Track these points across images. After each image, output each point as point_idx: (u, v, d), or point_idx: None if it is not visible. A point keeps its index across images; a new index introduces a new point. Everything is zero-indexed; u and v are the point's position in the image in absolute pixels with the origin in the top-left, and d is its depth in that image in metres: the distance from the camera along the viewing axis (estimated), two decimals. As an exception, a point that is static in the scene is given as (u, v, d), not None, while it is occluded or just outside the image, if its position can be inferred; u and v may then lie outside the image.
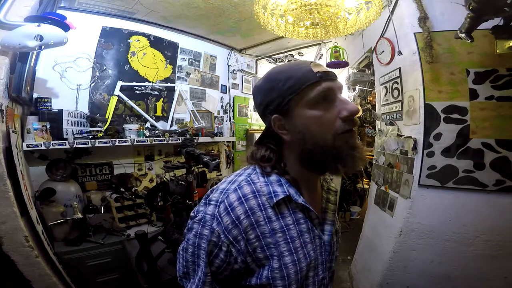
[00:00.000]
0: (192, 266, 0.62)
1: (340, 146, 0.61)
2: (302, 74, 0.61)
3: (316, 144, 0.61)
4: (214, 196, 0.63)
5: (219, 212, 0.60)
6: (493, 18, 1.35)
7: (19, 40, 1.44)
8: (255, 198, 0.62)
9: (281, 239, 0.62)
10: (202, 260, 0.60)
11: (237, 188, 0.62)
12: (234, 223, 0.59)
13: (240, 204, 0.60)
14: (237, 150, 4.19)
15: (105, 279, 2.04)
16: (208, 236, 0.59)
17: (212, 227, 0.59)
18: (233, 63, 3.97)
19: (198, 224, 0.61)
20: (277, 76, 0.64)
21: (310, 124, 0.61)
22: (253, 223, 0.60)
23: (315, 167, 0.65)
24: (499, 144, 1.61)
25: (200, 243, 0.60)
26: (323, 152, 0.61)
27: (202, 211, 0.62)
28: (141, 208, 2.57)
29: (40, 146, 1.94)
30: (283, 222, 0.63)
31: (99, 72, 2.57)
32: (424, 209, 1.78)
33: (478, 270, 1.71)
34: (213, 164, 1.81)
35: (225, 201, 0.61)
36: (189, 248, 0.62)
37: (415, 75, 1.80)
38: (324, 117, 0.61)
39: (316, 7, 1.51)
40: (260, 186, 0.63)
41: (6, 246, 1.41)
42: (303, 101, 0.61)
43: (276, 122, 0.64)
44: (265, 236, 0.61)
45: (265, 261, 0.62)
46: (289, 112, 0.63)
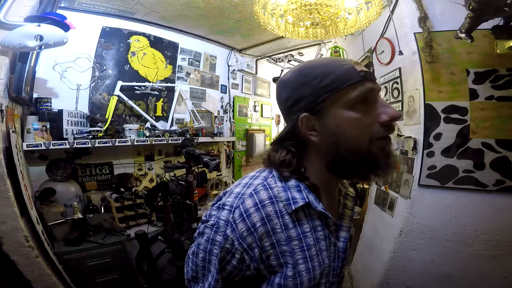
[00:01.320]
0: (202, 271, 0.60)
1: (376, 153, 0.57)
2: (344, 71, 0.56)
3: (350, 149, 0.57)
4: (228, 200, 0.59)
5: (233, 218, 0.56)
6: (493, 18, 1.35)
7: (19, 40, 1.44)
8: (272, 204, 0.58)
9: (297, 247, 0.59)
10: (213, 266, 0.58)
11: (253, 193, 0.58)
12: (249, 230, 0.56)
13: (256, 211, 0.57)
14: (237, 150, 4.19)
15: (105, 279, 2.04)
16: (221, 242, 0.56)
17: (225, 233, 0.56)
18: (233, 63, 3.97)
19: (211, 230, 0.58)
20: (312, 70, 0.58)
21: (346, 126, 0.56)
22: (269, 230, 0.57)
23: (345, 173, 0.62)
24: (499, 144, 1.61)
25: (212, 249, 0.57)
26: (357, 158, 0.57)
27: (215, 215, 0.59)
28: (141, 208, 2.57)
29: (40, 146, 1.94)
30: (300, 230, 0.60)
31: (99, 72, 2.57)
32: (424, 209, 1.78)
33: (478, 270, 1.70)
34: (213, 164, 1.81)
35: (241, 206, 0.57)
36: (199, 253, 0.59)
37: (415, 75, 1.80)
38: (363, 120, 0.56)
39: (316, 7, 1.51)
40: (277, 191, 0.59)
41: (6, 246, 1.41)
42: (342, 101, 0.56)
43: (305, 122, 0.58)
44: (281, 244, 0.58)
45: (278, 269, 0.59)
46: (322, 111, 0.57)
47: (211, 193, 3.43)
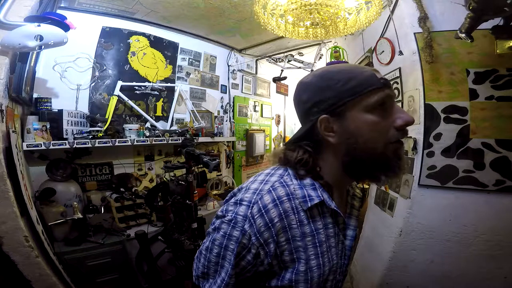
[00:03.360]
0: (214, 267, 0.61)
1: (389, 155, 0.60)
2: (366, 77, 0.60)
3: (366, 150, 0.60)
4: (246, 196, 0.61)
5: (252, 214, 0.58)
6: (493, 18, 1.35)
7: (19, 40, 1.44)
8: (289, 201, 0.60)
9: (310, 243, 0.62)
10: (227, 261, 0.59)
11: (271, 190, 0.60)
12: (267, 225, 0.57)
13: (274, 207, 0.58)
14: (237, 150, 4.19)
15: (105, 279, 2.04)
16: (239, 237, 0.58)
17: (243, 228, 0.57)
18: (233, 63, 3.97)
19: (228, 225, 0.59)
20: (335, 75, 0.61)
21: (365, 128, 0.59)
22: (285, 226, 0.59)
23: (359, 173, 0.65)
24: (499, 144, 1.61)
25: (228, 244, 0.58)
26: (372, 159, 0.60)
27: (232, 211, 0.60)
28: (141, 208, 2.57)
29: (40, 146, 1.94)
30: (314, 226, 0.62)
31: (99, 72, 2.57)
32: (424, 209, 1.78)
33: (478, 270, 1.70)
34: (213, 164, 1.81)
35: (259, 202, 0.58)
36: (214, 249, 0.60)
37: (415, 75, 1.80)
38: (381, 123, 0.59)
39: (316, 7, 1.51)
40: (293, 188, 0.62)
41: (6, 246, 1.41)
42: (361, 105, 0.59)
43: (324, 123, 0.61)
44: (295, 239, 0.60)
45: (289, 264, 0.61)
46: (342, 114, 0.60)
47: (211, 193, 3.43)
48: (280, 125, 5.40)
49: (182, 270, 1.98)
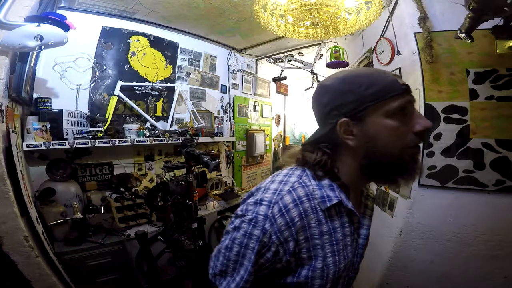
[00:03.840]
0: (233, 265, 0.62)
1: (406, 159, 0.62)
2: (388, 83, 0.61)
3: (385, 154, 0.61)
4: (266, 196, 0.62)
5: (273, 213, 0.59)
6: (493, 18, 1.35)
7: (19, 40, 1.44)
8: (309, 201, 0.62)
9: (327, 241, 0.63)
10: (247, 259, 0.60)
11: (291, 190, 0.62)
12: (288, 224, 0.59)
13: (295, 207, 0.60)
14: (237, 150, 4.19)
15: (105, 279, 2.04)
16: (259, 236, 0.59)
17: (264, 227, 0.59)
18: (233, 63, 3.97)
19: (248, 224, 0.60)
20: (357, 79, 0.62)
21: (385, 133, 0.61)
22: (305, 225, 0.61)
23: (376, 175, 0.66)
24: (499, 144, 1.61)
25: (249, 243, 0.60)
26: (390, 163, 0.62)
27: (252, 210, 0.62)
28: (141, 208, 2.57)
29: (40, 146, 1.94)
30: (331, 225, 0.64)
31: (99, 72, 2.57)
32: (424, 209, 1.78)
33: (478, 270, 1.70)
34: (213, 164, 1.81)
35: (280, 202, 0.60)
36: (234, 248, 0.62)
37: (415, 75, 1.80)
38: (400, 129, 0.61)
39: (316, 7, 1.51)
40: (312, 189, 0.63)
41: (6, 246, 1.41)
42: (382, 110, 0.60)
43: (343, 126, 0.62)
44: (314, 237, 0.62)
45: (306, 261, 0.63)
46: (362, 118, 0.61)
47: (211, 193, 3.43)
48: (280, 125, 5.40)
49: (182, 270, 1.98)
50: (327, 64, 2.92)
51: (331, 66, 2.93)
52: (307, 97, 5.03)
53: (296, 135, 5.52)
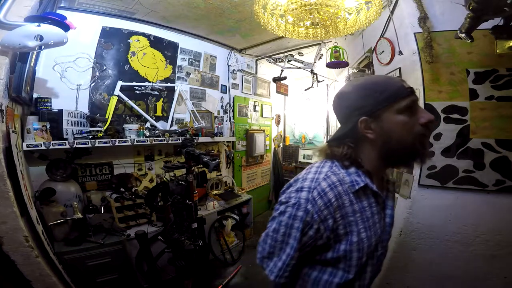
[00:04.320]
0: (279, 245, 0.74)
1: (417, 146, 0.76)
2: (397, 88, 0.76)
3: (399, 143, 0.75)
4: (305, 184, 0.75)
5: (313, 196, 0.72)
6: (493, 18, 1.35)
7: (19, 40, 1.44)
8: (341, 185, 0.75)
9: (359, 218, 0.76)
10: (293, 238, 0.72)
11: (326, 177, 0.75)
12: (326, 205, 0.72)
13: (331, 190, 0.73)
14: (237, 150, 4.19)
15: (105, 279, 2.04)
16: (303, 217, 0.71)
17: (307, 208, 0.71)
18: (233, 63, 3.97)
19: (292, 208, 0.72)
20: (373, 86, 0.78)
21: (397, 127, 0.75)
22: (340, 205, 0.74)
23: (393, 161, 0.82)
24: (499, 144, 1.61)
25: (294, 223, 0.72)
26: (404, 149, 0.76)
27: (295, 197, 0.74)
28: (141, 208, 2.57)
29: (40, 146, 1.94)
30: (361, 205, 0.77)
31: (99, 72, 2.57)
32: (424, 209, 1.78)
33: (478, 270, 1.70)
34: (213, 164, 1.81)
35: (318, 187, 0.73)
36: (281, 229, 0.73)
37: (415, 75, 1.80)
38: (409, 122, 0.75)
39: (316, 7, 1.51)
40: (342, 176, 0.77)
41: (6, 246, 1.41)
42: (394, 108, 0.75)
43: (363, 123, 0.77)
44: (348, 215, 0.75)
45: (343, 237, 0.75)
46: (378, 116, 0.76)
47: (211, 193, 3.43)
48: (280, 125, 5.40)
49: (182, 270, 1.98)
50: (327, 64, 2.92)
51: (331, 66, 2.93)
52: (307, 97, 5.04)
53: (296, 135, 5.52)
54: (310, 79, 3.74)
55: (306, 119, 5.30)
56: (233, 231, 3.39)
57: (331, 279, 0.77)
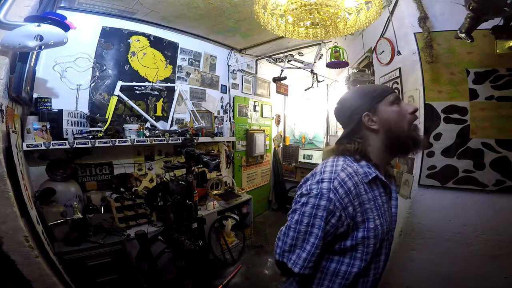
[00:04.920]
0: (303, 237, 0.78)
1: (412, 133, 0.89)
2: (384, 87, 0.95)
3: (398, 127, 0.87)
4: (325, 176, 0.81)
5: (334, 186, 0.78)
6: (493, 18, 1.35)
7: (19, 40, 1.44)
8: (357, 176, 0.83)
9: (373, 206, 0.83)
10: (317, 227, 0.77)
11: (343, 169, 0.82)
12: (346, 193, 0.78)
13: (349, 179, 0.80)
14: (237, 150, 4.19)
15: (105, 279, 2.03)
16: (326, 205, 0.76)
17: (329, 197, 0.77)
18: (233, 63, 3.97)
19: (315, 198, 0.78)
20: (366, 89, 0.96)
21: (393, 114, 0.88)
22: (358, 193, 0.81)
23: (396, 148, 0.90)
24: (499, 144, 1.61)
25: (317, 212, 0.77)
26: (404, 135, 0.87)
27: (316, 188, 0.79)
28: (141, 208, 2.57)
29: (40, 146, 1.94)
30: (374, 194, 0.85)
31: (99, 72, 2.57)
32: (424, 209, 1.78)
33: (478, 270, 1.70)
34: (213, 164, 1.81)
35: (338, 178, 0.79)
36: (304, 220, 0.78)
37: (415, 75, 1.80)
38: (400, 110, 0.89)
39: (316, 7, 1.51)
40: (356, 168, 0.85)
41: (6, 246, 1.41)
42: (386, 102, 0.89)
43: (367, 117, 0.89)
44: (365, 203, 0.82)
45: (361, 224, 0.81)
46: (376, 109, 0.89)
47: (211, 193, 3.43)
48: (280, 125, 5.40)
49: (182, 270, 1.98)
50: (327, 64, 2.92)
51: (331, 66, 2.93)
52: (307, 97, 5.03)
53: (296, 135, 5.52)
54: (310, 79, 3.74)
55: (306, 119, 5.30)
56: (233, 231, 3.39)
57: (349, 269, 0.82)
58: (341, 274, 0.82)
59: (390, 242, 0.93)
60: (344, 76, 3.36)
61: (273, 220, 4.53)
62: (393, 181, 0.99)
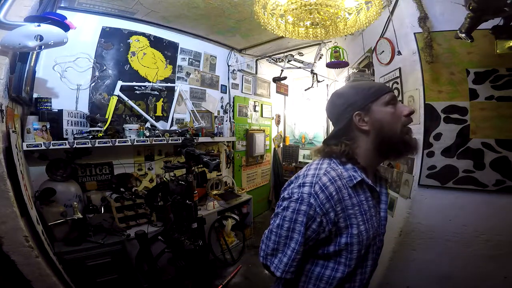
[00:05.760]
0: (284, 241, 0.77)
1: (404, 136, 0.84)
2: (381, 85, 0.89)
3: (391, 130, 0.83)
4: (306, 180, 0.78)
5: (315, 191, 0.75)
6: (493, 18, 1.35)
7: (19, 40, 1.44)
8: (340, 180, 0.79)
9: (358, 211, 0.79)
10: (297, 232, 0.75)
11: (326, 173, 0.79)
12: (328, 198, 0.75)
13: (331, 184, 0.77)
14: (237, 150, 4.19)
15: (105, 279, 2.03)
16: (306, 210, 0.74)
17: (310, 202, 0.74)
18: (233, 63, 3.97)
19: (296, 202, 0.76)
20: (361, 85, 0.90)
21: (387, 115, 0.83)
22: (340, 198, 0.77)
23: (387, 151, 0.85)
24: (499, 144, 1.61)
25: (297, 217, 0.75)
26: (396, 138, 0.83)
27: (297, 192, 0.77)
28: (141, 208, 2.57)
29: (40, 146, 1.94)
30: (359, 199, 0.81)
31: (99, 72, 2.57)
32: (424, 209, 1.78)
33: (478, 270, 1.70)
34: (213, 164, 1.81)
35: (319, 182, 0.76)
36: (285, 224, 0.76)
37: (415, 75, 1.80)
38: (395, 112, 0.84)
39: (316, 7, 1.51)
40: (340, 171, 0.81)
41: (6, 246, 1.41)
42: (380, 101, 0.84)
43: (358, 116, 0.84)
44: (348, 208, 0.78)
45: (344, 230, 0.78)
46: (369, 109, 0.84)
47: (211, 193, 3.43)
48: (280, 125, 5.40)
49: (182, 270, 1.98)
50: (327, 64, 2.92)
51: (331, 66, 2.93)
52: (307, 97, 5.04)
53: (296, 135, 5.52)
54: (310, 79, 3.74)
55: (306, 119, 5.30)
56: (233, 231, 3.39)
57: (333, 274, 0.80)
58: (325, 279, 0.81)
59: (379, 247, 0.90)
60: (344, 76, 3.36)
61: (273, 220, 4.52)
62: (383, 184, 0.95)
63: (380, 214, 0.89)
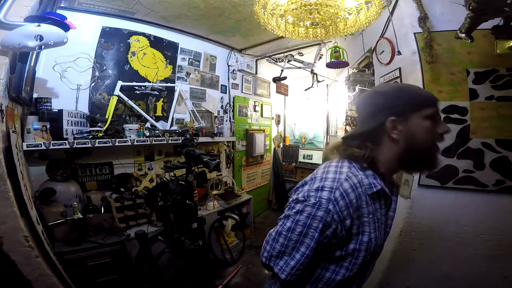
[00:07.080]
0: (293, 245, 0.74)
1: (432, 153, 0.81)
2: (429, 96, 0.82)
3: (421, 146, 0.79)
4: (326, 183, 0.75)
5: (335, 197, 0.72)
6: (493, 18, 1.35)
7: (19, 40, 1.44)
8: (361, 187, 0.76)
9: (371, 219, 0.78)
10: (310, 237, 0.72)
11: (347, 178, 0.75)
12: (347, 205, 0.72)
13: (352, 191, 0.74)
14: (237, 150, 4.19)
15: (105, 279, 2.03)
16: (323, 216, 0.71)
17: (328, 208, 0.71)
18: (233, 63, 3.98)
19: (312, 207, 0.73)
20: (408, 90, 0.83)
21: (423, 130, 0.78)
22: (358, 206, 0.75)
23: (409, 164, 0.83)
24: (499, 144, 1.61)
25: (312, 223, 0.72)
26: (423, 154, 0.80)
27: (315, 196, 0.73)
28: (141, 208, 2.57)
29: (40, 146, 1.94)
30: (374, 207, 0.79)
31: (99, 72, 2.57)
32: (424, 209, 1.78)
33: (478, 270, 1.70)
34: (213, 164, 1.81)
35: (340, 188, 0.73)
36: (297, 228, 0.73)
37: (415, 75, 1.80)
38: (432, 128, 0.79)
39: (316, 7, 1.51)
40: (361, 178, 0.78)
41: (6, 246, 1.41)
42: (422, 114, 0.78)
43: (391, 123, 0.78)
44: (363, 216, 0.76)
45: (354, 236, 0.76)
46: (406, 118, 0.78)
47: (211, 193, 3.43)
48: (280, 125, 5.40)
49: (182, 270, 1.98)
50: (327, 64, 2.92)
51: (331, 66, 2.93)
52: (307, 97, 5.04)
53: (296, 135, 5.52)
54: (310, 79, 3.74)
55: (306, 119, 5.30)
56: (233, 231, 3.39)
57: (333, 276, 0.79)
58: (324, 280, 0.80)
59: (378, 253, 0.88)
60: (344, 76, 3.36)
61: (273, 220, 4.52)
62: (394, 191, 0.92)
63: (387, 222, 0.88)
